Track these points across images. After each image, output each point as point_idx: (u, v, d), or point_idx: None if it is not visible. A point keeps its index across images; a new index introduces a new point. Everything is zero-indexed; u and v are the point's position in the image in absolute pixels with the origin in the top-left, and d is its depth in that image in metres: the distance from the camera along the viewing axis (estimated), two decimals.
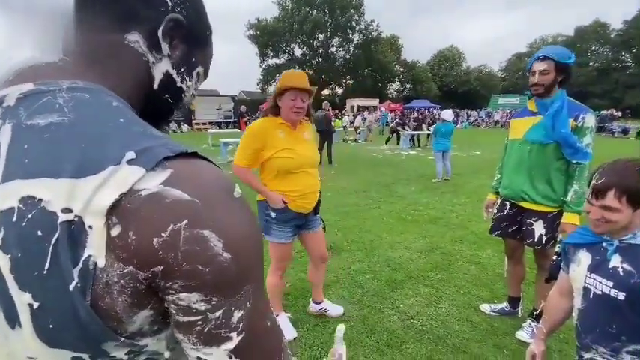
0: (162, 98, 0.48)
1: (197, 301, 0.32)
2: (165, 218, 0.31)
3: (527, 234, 2.01)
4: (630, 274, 1.15)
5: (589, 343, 1.30)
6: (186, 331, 0.34)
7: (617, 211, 1.14)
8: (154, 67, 0.45)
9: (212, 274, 0.32)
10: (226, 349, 0.34)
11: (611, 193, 1.14)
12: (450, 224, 4.28)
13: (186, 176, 0.33)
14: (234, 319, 0.34)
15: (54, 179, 0.31)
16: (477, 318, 2.32)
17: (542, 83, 1.86)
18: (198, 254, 0.31)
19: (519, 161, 2.00)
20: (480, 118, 29.86)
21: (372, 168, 8.57)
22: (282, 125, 1.88)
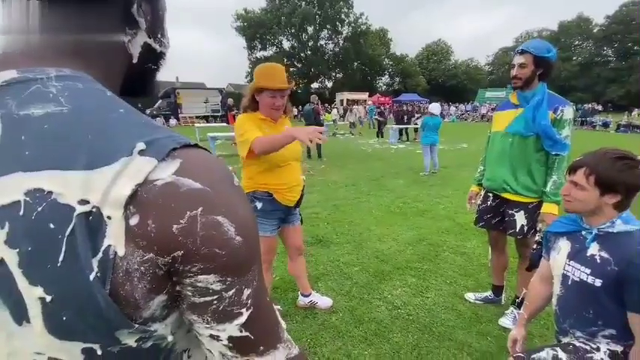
0: (145, 69, 0.47)
1: (214, 282, 0.35)
2: (183, 206, 0.33)
3: (509, 225, 2.06)
4: (607, 261, 1.19)
5: (567, 328, 1.35)
6: (201, 311, 0.36)
7: (582, 189, 1.20)
8: (131, 44, 0.44)
9: (228, 257, 0.35)
10: (238, 324, 0.37)
11: (582, 170, 1.21)
12: (437, 216, 4.35)
13: (194, 166, 0.35)
14: (244, 296, 0.37)
15: (63, 171, 0.31)
16: (462, 307, 2.38)
17: (521, 77, 1.90)
18: (215, 238, 0.34)
19: (501, 153, 2.05)
20: (467, 112, 30.23)
21: (362, 162, 8.62)
22: (264, 121, 1.89)
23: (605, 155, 1.21)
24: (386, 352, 1.93)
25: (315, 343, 2.00)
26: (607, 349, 1.22)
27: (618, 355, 1.19)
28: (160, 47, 0.47)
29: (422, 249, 3.34)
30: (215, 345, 0.38)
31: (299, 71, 44.54)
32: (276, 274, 2.77)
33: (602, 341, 1.24)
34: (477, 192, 2.33)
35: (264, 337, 0.40)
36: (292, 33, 43.49)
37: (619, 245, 1.18)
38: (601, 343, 1.24)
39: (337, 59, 45.90)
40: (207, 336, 0.38)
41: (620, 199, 1.19)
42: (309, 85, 44.88)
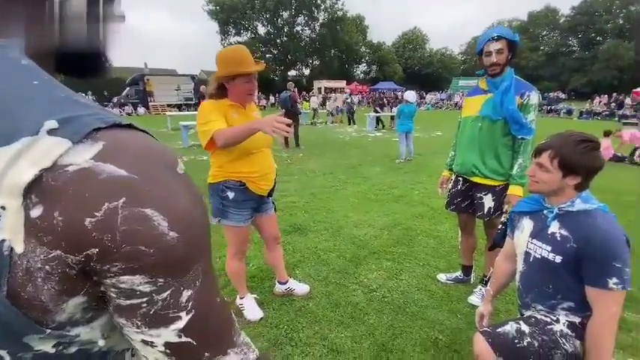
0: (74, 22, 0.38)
1: (141, 284, 0.30)
2: (99, 196, 0.28)
3: (478, 207, 2.14)
4: (567, 239, 1.26)
5: (529, 302, 1.43)
6: (129, 314, 0.32)
7: (547, 171, 1.25)
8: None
9: (158, 255, 0.30)
10: (175, 329, 0.33)
11: (547, 153, 1.25)
12: (411, 202, 4.46)
13: (121, 150, 0.30)
14: (183, 298, 0.33)
15: None
16: (434, 287, 2.47)
17: (500, 63, 1.93)
18: (140, 234, 0.29)
19: (471, 137, 2.10)
20: (441, 100, 30.85)
21: (339, 150, 8.64)
22: (233, 107, 1.81)
23: (569, 138, 1.26)
24: (362, 334, 1.98)
25: (292, 329, 2.02)
26: (566, 320, 1.30)
27: (576, 326, 1.28)
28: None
29: (397, 233, 3.42)
30: (149, 351, 0.34)
31: (275, 58, 43.55)
32: (253, 264, 2.76)
33: (561, 313, 1.32)
34: (448, 177, 2.39)
35: (210, 343, 0.36)
36: (267, 18, 42.27)
37: (578, 223, 1.24)
38: (560, 315, 1.32)
39: (314, 46, 45.21)
40: (140, 341, 0.33)
41: (581, 181, 1.26)
42: (286, 72, 44.09)
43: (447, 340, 1.93)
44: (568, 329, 1.28)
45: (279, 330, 2.01)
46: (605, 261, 1.16)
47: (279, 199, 4.42)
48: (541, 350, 1.25)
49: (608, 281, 1.15)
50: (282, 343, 1.90)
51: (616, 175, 6.22)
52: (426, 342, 1.92)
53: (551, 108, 22.27)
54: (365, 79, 49.27)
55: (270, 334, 1.97)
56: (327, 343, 1.90)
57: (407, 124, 7.16)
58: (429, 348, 1.88)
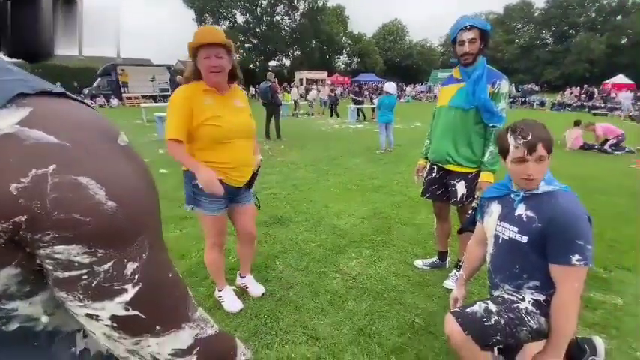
0: None
1: (79, 254, 0.30)
2: (25, 163, 0.27)
3: (451, 194, 2.21)
4: (532, 219, 1.32)
5: (498, 283, 1.49)
6: (69, 287, 0.31)
7: (544, 160, 1.28)
8: None
9: (95, 224, 0.29)
10: (121, 302, 0.32)
11: (540, 145, 1.26)
12: (390, 191, 4.54)
13: (52, 117, 0.29)
14: (127, 271, 0.32)
15: None
16: (411, 272, 2.55)
17: (472, 52, 1.96)
18: (74, 202, 0.28)
19: (445, 126, 2.15)
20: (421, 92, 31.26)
21: (321, 142, 8.63)
22: (207, 91, 1.71)
23: (536, 125, 1.30)
24: (341, 320, 2.02)
25: (272, 318, 2.03)
26: (531, 298, 1.37)
27: (541, 303, 1.35)
28: None
29: (376, 222, 3.48)
30: (95, 326, 0.34)
31: (255, 48, 42.69)
32: (233, 255, 2.74)
33: (527, 292, 1.39)
34: (423, 165, 2.45)
35: (161, 316, 0.36)
36: (246, 6, 41.25)
37: (542, 204, 1.30)
38: (526, 293, 1.39)
39: (294, 36, 44.59)
40: (84, 315, 0.33)
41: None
42: (266, 62, 43.34)
43: (423, 323, 2.00)
44: (533, 307, 1.35)
45: (260, 320, 2.02)
46: (567, 238, 1.22)
47: (260, 192, 4.40)
48: (507, 327, 1.32)
49: (571, 258, 1.21)
50: (262, 332, 1.91)
51: (584, 163, 6.55)
52: (403, 325, 1.99)
53: (525, 100, 23.01)
54: (346, 71, 49.15)
55: (250, 324, 1.98)
56: (307, 331, 1.93)
57: (387, 115, 7.22)
58: (406, 331, 1.94)
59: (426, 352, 1.79)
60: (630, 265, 2.66)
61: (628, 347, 1.84)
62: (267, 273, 2.53)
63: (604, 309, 2.16)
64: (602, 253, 2.78)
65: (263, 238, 3.08)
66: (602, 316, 2.09)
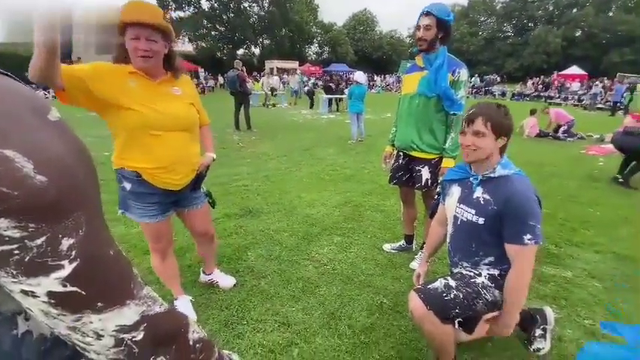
0: None
1: (9, 228, 0.29)
2: None
3: (416, 179, 2.29)
4: (489, 202, 1.40)
5: (457, 261, 1.58)
6: (1, 263, 0.30)
7: (483, 136, 1.36)
8: None
9: (24, 198, 0.29)
10: (58, 278, 0.32)
11: (479, 119, 1.36)
12: (361, 180, 4.63)
13: None
14: (63, 247, 0.32)
15: None
16: (380, 257, 2.63)
17: (426, 38, 2.00)
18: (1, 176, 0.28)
19: (409, 114, 2.21)
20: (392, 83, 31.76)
21: (293, 132, 8.58)
22: (133, 74, 1.45)
23: (489, 106, 1.39)
24: (312, 305, 2.06)
25: (243, 308, 2.03)
26: (487, 273, 1.47)
27: (495, 278, 1.45)
28: None
29: (347, 210, 3.55)
30: (32, 303, 0.33)
31: (222, 35, 41.20)
32: (187, 255, 2.57)
33: (483, 268, 1.48)
34: (390, 152, 2.51)
35: (103, 292, 0.36)
36: None
37: (498, 187, 1.39)
38: (482, 269, 1.48)
39: (263, 24, 43.49)
40: (19, 292, 0.32)
41: (505, 142, 1.40)
42: (235, 50, 42.05)
43: (390, 304, 2.08)
44: (488, 281, 1.45)
45: (230, 311, 2.00)
46: (521, 220, 1.31)
47: (231, 183, 4.32)
48: (465, 301, 1.41)
49: (524, 237, 1.31)
50: (233, 323, 1.91)
51: (540, 150, 7.00)
52: (372, 307, 2.06)
53: (488, 90, 24.07)
54: (318, 60, 48.81)
55: (220, 316, 1.96)
56: (279, 318, 1.94)
57: (358, 105, 7.29)
58: (375, 312, 2.01)
59: (394, 330, 1.87)
60: (579, 242, 2.90)
61: (576, 316, 2.02)
62: (239, 264, 2.51)
63: (554, 282, 2.34)
64: (554, 232, 3.01)
65: (234, 230, 3.04)
66: (552, 289, 2.27)
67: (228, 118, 8.73)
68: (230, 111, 8.79)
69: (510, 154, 1.47)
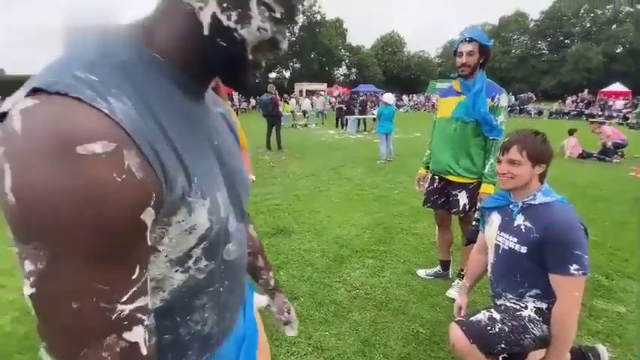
0: (217, 45, 0.44)
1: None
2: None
3: (453, 204, 2.24)
4: (530, 230, 1.35)
5: (500, 292, 1.52)
6: None
7: (519, 164, 1.34)
8: (202, 12, 0.42)
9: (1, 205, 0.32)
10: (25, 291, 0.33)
11: (514, 147, 1.35)
12: (392, 201, 4.58)
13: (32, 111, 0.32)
14: (25, 267, 0.33)
15: None
16: (414, 282, 2.56)
17: (470, 64, 2.01)
18: None
19: (445, 137, 2.20)
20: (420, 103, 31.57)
21: (322, 152, 8.70)
22: None
23: (525, 133, 1.38)
24: (345, 331, 2.03)
25: (276, 330, 2.03)
26: (533, 306, 1.39)
27: (543, 311, 1.37)
28: (228, 21, 0.43)
29: (378, 232, 3.51)
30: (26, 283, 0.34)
31: None
32: None
33: (529, 300, 1.41)
34: (424, 174, 2.49)
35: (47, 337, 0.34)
36: None
37: (539, 215, 1.35)
38: (528, 302, 1.41)
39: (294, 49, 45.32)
40: None
41: (544, 170, 1.37)
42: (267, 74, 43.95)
43: (427, 333, 2.01)
44: (535, 315, 1.38)
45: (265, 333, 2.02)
46: (565, 249, 1.26)
47: (262, 202, 4.43)
48: (512, 335, 1.34)
49: (570, 268, 1.24)
50: None
51: (584, 171, 6.59)
52: (407, 336, 1.99)
53: (523, 108, 23.21)
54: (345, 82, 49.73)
55: None
56: (312, 342, 1.93)
57: (386, 125, 7.31)
58: (411, 341, 1.95)
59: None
60: (632, 273, 2.67)
61: (632, 355, 1.84)
62: None
63: (607, 317, 2.16)
64: (603, 261, 2.79)
65: (266, 249, 3.07)
66: (605, 325, 2.09)
67: (259, 139, 9.04)
68: (261, 132, 9.11)
69: (551, 177, 1.42)
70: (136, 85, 0.40)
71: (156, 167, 0.37)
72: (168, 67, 0.44)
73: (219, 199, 0.48)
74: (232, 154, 0.57)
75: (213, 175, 0.49)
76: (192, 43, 0.44)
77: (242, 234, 0.60)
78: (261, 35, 0.45)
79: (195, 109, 0.49)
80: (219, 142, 0.54)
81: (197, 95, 0.50)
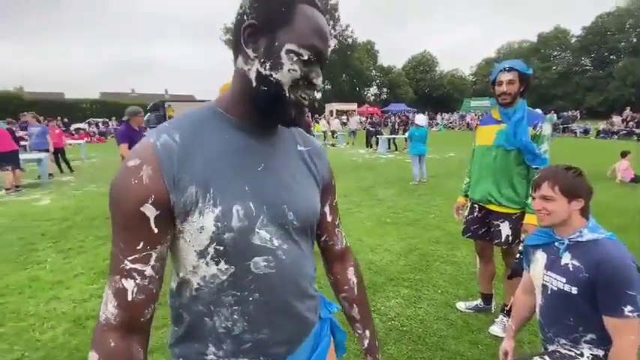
0: (261, 90, 0.60)
1: None
2: None
3: (495, 235, 2.14)
4: (579, 269, 1.27)
5: (552, 337, 1.41)
6: None
7: (552, 200, 1.29)
8: (249, 71, 0.60)
9: None
10: None
11: (546, 183, 1.30)
12: (427, 225, 4.43)
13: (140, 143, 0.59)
14: None
15: None
16: (453, 316, 2.43)
17: (510, 92, 1.99)
18: None
19: (486, 166, 2.14)
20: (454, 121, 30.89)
21: (352, 172, 8.70)
22: None
23: (557, 168, 1.34)
24: None
25: None
26: (590, 353, 1.28)
27: (600, 359, 1.25)
28: (267, 71, 0.58)
29: (414, 259, 3.40)
30: None
31: None
32: None
33: (584, 346, 1.30)
34: (463, 203, 2.41)
35: None
36: None
37: (588, 253, 1.26)
38: (584, 348, 1.30)
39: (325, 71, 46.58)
40: None
41: (584, 204, 1.29)
42: None
43: None
44: None
45: None
46: (617, 289, 1.17)
47: None
48: None
49: (623, 309, 1.15)
50: None
51: (635, 197, 6.03)
52: None
53: (567, 127, 21.90)
54: (376, 101, 49.96)
55: None
56: None
57: (419, 147, 7.17)
58: None
59: None
60: None
61: None
62: None
63: None
64: None
65: None
66: None
67: None
68: None
69: (601, 203, 1.35)
70: (196, 128, 0.60)
71: (167, 178, 0.55)
72: (227, 116, 0.63)
73: (234, 211, 0.58)
74: (283, 182, 0.66)
75: (238, 191, 0.60)
76: (246, 95, 0.62)
77: (290, 256, 0.65)
78: (292, 75, 0.59)
79: (250, 144, 0.64)
80: (265, 168, 0.64)
81: (256, 134, 0.65)
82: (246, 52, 0.59)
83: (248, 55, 0.59)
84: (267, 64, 0.58)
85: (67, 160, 9.48)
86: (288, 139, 0.73)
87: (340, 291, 0.87)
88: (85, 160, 11.95)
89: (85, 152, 12.68)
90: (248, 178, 0.61)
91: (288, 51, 0.57)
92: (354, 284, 0.87)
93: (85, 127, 24.75)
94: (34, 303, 2.69)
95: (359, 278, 0.89)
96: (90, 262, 3.42)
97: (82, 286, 2.95)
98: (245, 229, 0.59)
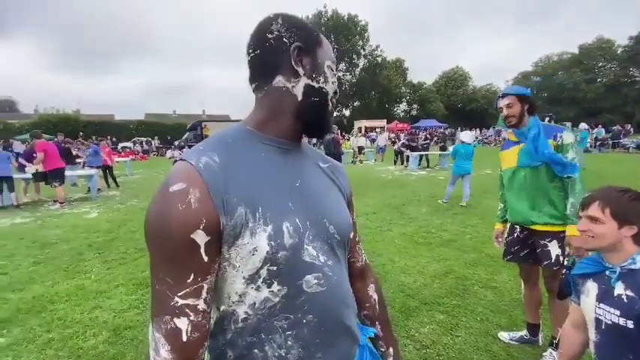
0: (310, 102, 0.64)
1: None
2: None
3: (543, 256, 1.97)
4: (634, 300, 1.14)
5: None
6: None
7: (601, 223, 1.19)
8: (294, 88, 0.63)
9: None
10: None
11: (595, 204, 1.21)
12: (463, 247, 4.21)
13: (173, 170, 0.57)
14: None
15: None
16: (495, 347, 2.24)
17: (513, 114, 2.01)
18: None
19: (518, 187, 2.06)
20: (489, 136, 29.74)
21: (382, 189, 8.57)
22: None
23: (611, 189, 1.24)
24: None
25: None
26: None
27: None
28: (318, 83, 0.65)
29: (449, 282, 3.22)
30: None
31: None
32: None
33: None
34: (501, 230, 2.29)
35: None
36: None
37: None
38: None
39: (354, 89, 47.09)
40: None
41: (638, 230, 1.17)
42: None
43: None
44: None
45: None
46: None
47: None
48: None
49: None
50: None
51: None
52: None
53: (617, 142, 20.27)
54: (406, 117, 49.47)
55: None
56: None
57: (464, 165, 6.71)
58: None
59: None
60: None
61: None
62: None
63: None
64: None
65: None
66: None
67: None
68: None
69: None
70: (230, 149, 0.60)
71: (216, 200, 0.52)
72: (259, 134, 0.64)
73: (284, 228, 0.57)
74: (319, 197, 0.67)
75: (284, 208, 0.59)
76: (287, 110, 0.64)
77: (335, 272, 0.64)
78: (333, 87, 0.68)
79: (284, 161, 0.64)
80: (302, 184, 0.65)
81: (288, 152, 0.66)
82: (296, 69, 0.62)
83: (296, 73, 0.63)
84: (320, 79, 0.65)
85: (114, 177, 10.31)
86: (311, 157, 0.74)
87: (362, 308, 0.84)
88: (129, 177, 12.77)
89: (129, 169, 13.57)
90: (289, 194, 0.61)
91: (328, 67, 0.67)
92: (376, 301, 0.84)
93: (130, 145, 26.67)
94: (79, 311, 2.84)
95: (380, 295, 0.86)
96: (130, 274, 3.58)
97: (122, 296, 3.08)
98: (296, 246, 0.58)
